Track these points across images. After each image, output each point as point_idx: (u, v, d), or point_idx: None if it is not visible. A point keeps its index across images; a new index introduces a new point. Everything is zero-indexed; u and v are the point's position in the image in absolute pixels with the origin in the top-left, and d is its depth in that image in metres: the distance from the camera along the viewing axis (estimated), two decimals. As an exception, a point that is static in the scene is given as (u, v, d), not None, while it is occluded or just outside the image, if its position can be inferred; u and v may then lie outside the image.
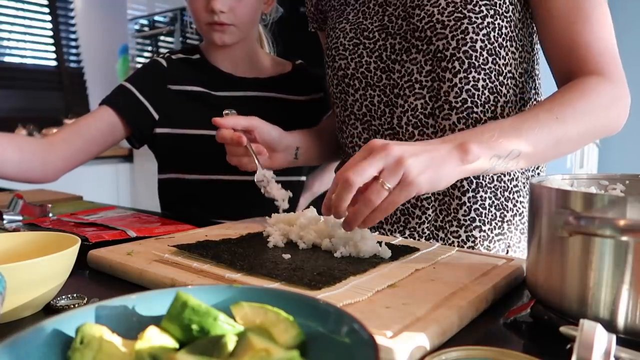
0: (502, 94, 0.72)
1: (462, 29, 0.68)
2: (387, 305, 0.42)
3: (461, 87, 0.70)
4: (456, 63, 0.69)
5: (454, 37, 0.69)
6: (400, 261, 0.56)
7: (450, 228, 0.75)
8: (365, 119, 0.79)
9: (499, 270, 0.52)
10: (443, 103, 0.71)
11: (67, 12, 3.48)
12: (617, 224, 0.35)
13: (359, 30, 0.78)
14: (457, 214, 0.74)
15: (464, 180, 0.73)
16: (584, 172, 3.28)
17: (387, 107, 0.76)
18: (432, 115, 0.72)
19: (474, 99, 0.71)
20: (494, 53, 0.70)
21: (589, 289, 0.38)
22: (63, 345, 0.29)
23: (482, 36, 0.69)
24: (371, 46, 0.76)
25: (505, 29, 0.70)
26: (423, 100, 0.73)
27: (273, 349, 0.27)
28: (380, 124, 0.77)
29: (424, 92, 0.72)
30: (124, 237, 0.71)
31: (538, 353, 0.33)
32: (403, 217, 0.77)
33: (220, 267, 0.53)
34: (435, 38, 0.70)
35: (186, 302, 0.30)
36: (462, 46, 0.69)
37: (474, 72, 0.70)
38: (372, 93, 0.77)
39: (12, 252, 0.53)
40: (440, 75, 0.71)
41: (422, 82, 0.72)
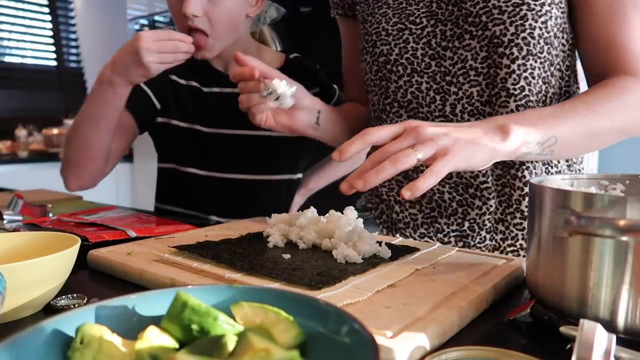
0: (552, 85, 0.72)
1: (520, 14, 0.67)
2: (387, 305, 0.42)
3: (519, 74, 0.69)
4: (514, 49, 0.68)
5: (513, 23, 0.67)
6: (400, 261, 0.56)
7: (512, 220, 0.74)
8: (412, 105, 0.77)
9: (499, 270, 0.52)
10: (500, 90, 0.70)
11: (67, 12, 3.48)
12: (617, 224, 0.35)
13: (403, 16, 0.76)
14: (520, 205, 0.73)
15: (524, 170, 0.72)
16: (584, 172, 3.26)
17: (437, 94, 0.74)
18: (489, 103, 0.71)
19: (530, 87, 0.69)
20: (549, 42, 0.69)
21: (589, 289, 0.38)
22: (63, 345, 0.29)
23: (541, 24, 0.67)
24: (418, 32, 0.74)
25: (559, 19, 0.69)
26: (479, 87, 0.71)
27: (273, 349, 0.27)
28: (430, 111, 0.75)
29: (479, 79, 0.71)
30: (124, 237, 0.71)
31: (538, 353, 0.33)
32: (461, 209, 0.76)
33: (220, 267, 0.53)
34: (492, 23, 0.68)
35: (186, 302, 0.30)
36: (521, 32, 0.67)
37: (532, 59, 0.69)
38: (419, 80, 0.75)
39: (12, 252, 0.53)
40: (497, 62, 0.69)
41: (478, 69, 0.71)
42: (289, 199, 1.08)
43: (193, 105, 1.00)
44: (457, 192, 0.76)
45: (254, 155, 1.00)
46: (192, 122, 0.99)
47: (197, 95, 1.00)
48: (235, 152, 1.00)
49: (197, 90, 1.00)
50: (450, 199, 0.76)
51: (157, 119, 1.00)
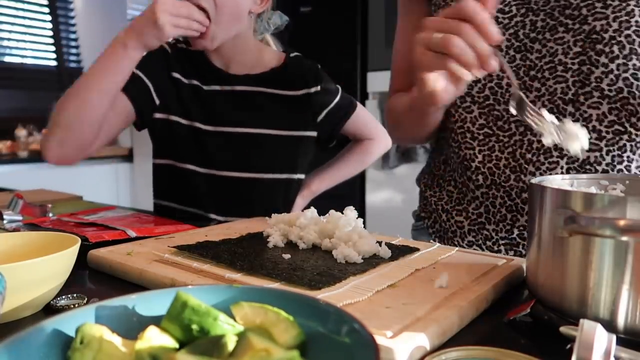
0: None
1: (627, 10, 0.62)
2: (387, 305, 0.42)
3: (618, 74, 0.64)
4: (615, 47, 0.63)
5: (617, 19, 0.62)
6: (400, 261, 0.56)
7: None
8: (487, 102, 0.72)
9: (499, 270, 0.52)
10: (593, 89, 0.65)
11: (67, 12, 3.48)
12: (617, 224, 0.35)
13: None
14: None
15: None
16: (584, 172, 3.26)
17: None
18: (573, 102, 0.66)
19: (631, 89, 0.64)
20: None
21: (589, 289, 0.38)
22: (63, 345, 0.29)
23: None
24: (505, 21, 0.69)
25: None
26: (565, 84, 0.66)
27: (273, 349, 0.27)
28: (506, 109, 0.70)
29: (567, 75, 0.66)
30: (124, 237, 0.71)
31: (538, 353, 0.33)
32: (510, 214, 0.72)
33: (220, 267, 0.53)
34: (592, 17, 0.64)
35: (186, 302, 0.30)
36: (625, 29, 0.62)
37: (635, 59, 0.63)
38: (501, 74, 0.70)
39: (12, 252, 0.53)
40: (593, 59, 0.65)
41: (567, 65, 0.66)
42: (288, 199, 1.08)
43: (193, 103, 1.00)
44: (509, 197, 0.71)
45: (252, 153, 1.00)
46: (192, 119, 0.99)
47: (197, 94, 1.00)
48: (234, 150, 1.00)
49: (198, 88, 1.00)
50: (501, 204, 0.72)
51: (156, 114, 0.99)
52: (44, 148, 0.91)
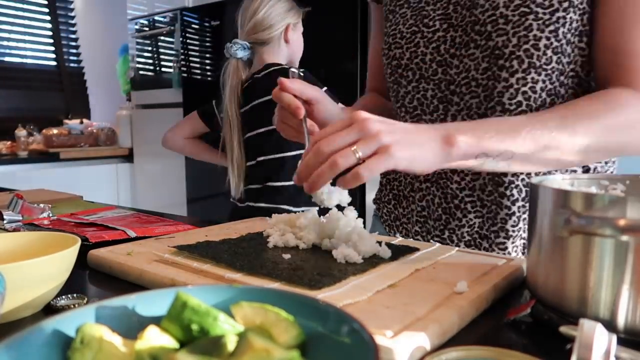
0: (560, 95, 0.67)
1: (525, 25, 0.63)
2: (387, 305, 0.42)
3: (517, 88, 0.66)
4: (514, 62, 0.65)
5: (516, 34, 0.64)
6: (400, 261, 0.56)
7: (496, 239, 0.71)
8: (416, 112, 0.75)
9: (499, 270, 0.52)
10: (495, 104, 0.67)
11: (67, 12, 3.49)
12: (617, 224, 0.35)
13: (419, 17, 0.73)
14: (505, 225, 0.70)
15: (513, 189, 0.69)
16: (584, 172, 3.26)
17: (441, 103, 0.72)
18: (485, 116, 0.68)
19: (529, 102, 0.66)
20: (560, 51, 0.65)
21: (589, 289, 0.38)
22: (63, 345, 0.29)
23: (548, 33, 0.63)
24: (429, 36, 0.71)
25: (576, 22, 0.64)
26: (478, 99, 0.68)
27: (273, 349, 0.27)
28: (432, 119, 0.73)
29: (479, 90, 0.68)
30: (124, 237, 0.71)
31: (538, 353, 0.33)
32: (445, 216, 0.74)
33: (220, 267, 0.53)
34: (495, 33, 0.65)
35: (186, 302, 0.30)
36: (524, 44, 0.64)
37: (534, 72, 0.65)
38: (426, 87, 0.73)
39: (12, 252, 0.53)
40: (496, 74, 0.66)
41: (479, 80, 0.68)
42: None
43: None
44: (445, 200, 0.74)
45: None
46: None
47: None
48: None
49: None
50: (438, 204, 0.75)
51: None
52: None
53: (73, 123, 3.34)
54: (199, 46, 2.71)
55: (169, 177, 2.90)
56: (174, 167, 2.85)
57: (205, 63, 2.71)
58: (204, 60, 2.71)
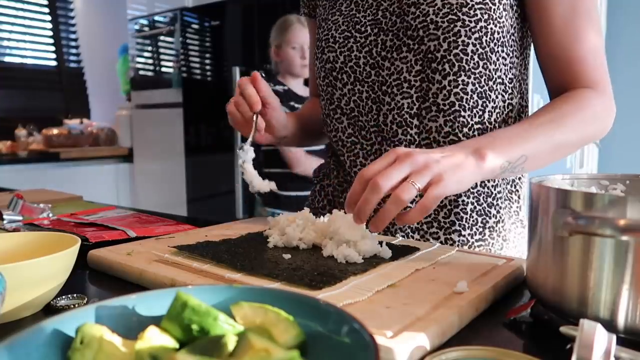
0: (491, 99, 0.72)
1: (454, 31, 0.68)
2: (387, 305, 0.42)
3: (450, 89, 0.70)
4: (446, 65, 0.69)
5: (446, 39, 0.68)
6: (400, 261, 0.56)
7: (429, 230, 0.74)
8: (353, 114, 0.78)
9: (499, 270, 0.52)
10: (431, 104, 0.71)
11: (67, 12, 3.49)
12: (618, 224, 0.35)
13: (351, 24, 0.77)
14: (438, 216, 0.74)
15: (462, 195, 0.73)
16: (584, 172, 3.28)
17: (374, 103, 0.75)
18: (418, 116, 0.72)
19: (461, 102, 0.70)
20: (485, 58, 0.70)
21: (589, 289, 0.38)
22: (63, 345, 0.29)
23: (474, 40, 0.68)
24: (362, 40, 0.76)
25: (497, 34, 0.70)
26: (410, 99, 0.72)
27: (273, 349, 0.27)
28: (367, 120, 0.77)
29: (411, 91, 0.72)
30: (124, 237, 0.71)
31: (538, 353, 0.33)
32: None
33: (220, 267, 0.53)
34: (428, 38, 0.69)
35: (186, 302, 0.30)
36: (454, 49, 0.69)
37: (464, 75, 0.70)
38: (361, 88, 0.76)
39: (12, 252, 0.53)
40: (430, 77, 0.71)
41: (411, 82, 0.72)
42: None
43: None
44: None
45: None
46: None
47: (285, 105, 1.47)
48: None
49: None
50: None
51: None
52: None
53: (73, 123, 3.34)
54: (199, 46, 2.71)
55: (169, 177, 2.90)
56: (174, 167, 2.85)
57: (205, 63, 2.71)
58: (204, 60, 2.71)
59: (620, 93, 0.91)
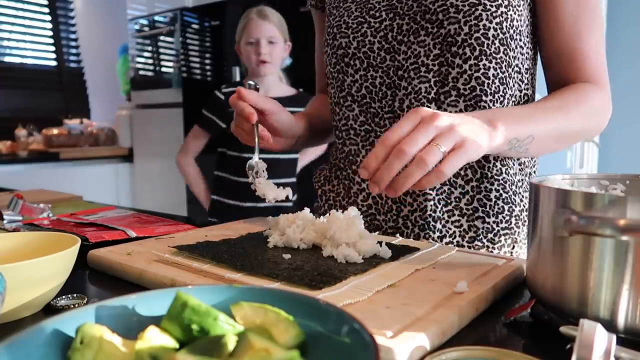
0: (510, 86, 0.72)
1: (475, 14, 0.67)
2: (387, 305, 0.42)
3: (471, 74, 0.69)
4: (467, 49, 0.69)
5: (467, 23, 0.68)
6: (400, 261, 0.56)
7: (451, 218, 0.73)
8: (365, 100, 0.77)
9: (499, 270, 0.52)
10: (450, 89, 0.71)
11: (67, 12, 3.48)
12: (618, 224, 0.35)
13: (365, 9, 0.76)
14: (459, 203, 0.73)
15: (467, 169, 0.73)
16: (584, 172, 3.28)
17: (389, 89, 0.74)
18: (436, 100, 0.71)
19: (483, 87, 0.70)
20: (505, 43, 0.70)
21: (589, 289, 0.38)
22: (63, 345, 0.29)
23: (495, 24, 0.68)
24: (376, 25, 0.75)
25: (516, 21, 0.70)
26: (428, 84, 0.71)
27: (273, 349, 0.27)
28: (381, 106, 0.76)
29: (429, 75, 0.71)
30: (124, 237, 0.71)
31: (538, 353, 0.33)
32: (395, 205, 0.76)
33: (220, 267, 0.53)
34: (447, 22, 0.69)
35: (186, 302, 0.30)
36: (475, 32, 0.68)
37: (485, 60, 0.69)
38: (374, 74, 0.75)
39: (12, 252, 0.53)
40: (450, 61, 0.70)
41: (429, 66, 0.71)
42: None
43: None
44: None
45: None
46: None
47: None
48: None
49: None
50: (386, 196, 0.76)
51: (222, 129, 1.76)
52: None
53: (73, 123, 3.34)
54: (199, 46, 2.71)
55: (169, 177, 2.90)
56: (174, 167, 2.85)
57: (205, 63, 2.71)
58: (204, 60, 2.71)
59: (620, 93, 0.91)
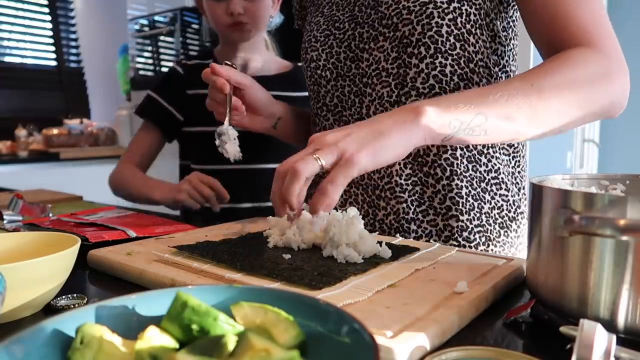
0: (474, 81, 0.71)
1: (427, 13, 0.68)
2: (387, 305, 0.42)
3: (428, 72, 0.70)
4: (422, 48, 0.69)
5: (419, 22, 0.68)
6: (400, 261, 0.56)
7: (425, 218, 0.74)
8: (337, 109, 0.79)
9: (499, 270, 0.52)
10: (410, 89, 0.71)
11: (67, 12, 3.48)
12: (618, 224, 0.35)
13: (331, 22, 0.79)
14: (433, 202, 0.73)
15: (437, 168, 0.72)
16: (584, 172, 3.28)
17: (356, 96, 0.76)
18: (397, 103, 0.72)
19: (442, 84, 0.70)
20: (462, 39, 0.69)
21: (589, 289, 0.38)
22: (63, 345, 0.29)
23: (448, 21, 0.68)
24: (341, 36, 0.77)
25: (473, 15, 0.69)
26: (389, 88, 0.72)
27: (273, 349, 0.27)
28: (351, 114, 0.77)
29: (389, 79, 0.72)
30: (124, 237, 0.71)
31: (538, 353, 0.33)
32: (371, 210, 0.76)
33: (220, 267, 0.53)
34: (402, 24, 0.70)
35: (186, 302, 0.30)
36: (428, 31, 0.68)
37: (441, 57, 0.69)
38: (343, 83, 0.77)
39: (12, 252, 0.53)
40: (406, 62, 0.71)
41: (389, 70, 0.72)
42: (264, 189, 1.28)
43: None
44: (367, 194, 0.77)
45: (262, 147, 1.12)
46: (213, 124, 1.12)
47: None
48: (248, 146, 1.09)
49: None
50: (362, 201, 0.78)
51: (184, 128, 1.20)
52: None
53: (73, 123, 3.34)
54: (199, 46, 2.71)
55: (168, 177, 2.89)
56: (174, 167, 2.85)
57: (205, 63, 2.71)
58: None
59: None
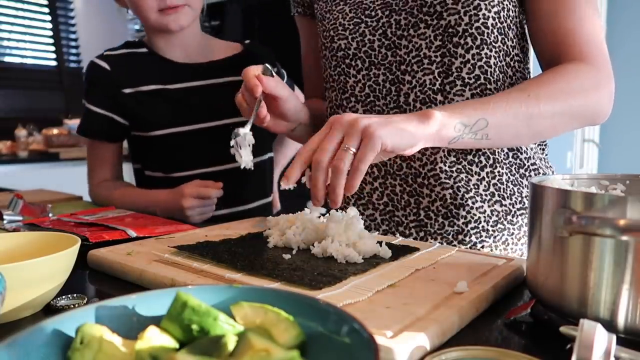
0: (509, 75, 0.73)
1: (474, 4, 0.68)
2: (387, 305, 0.42)
3: (474, 63, 0.70)
4: (469, 39, 0.69)
5: (467, 13, 0.69)
6: (401, 261, 0.56)
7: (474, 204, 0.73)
8: (369, 99, 0.77)
9: (499, 270, 0.52)
10: (455, 79, 0.71)
11: (67, 12, 3.48)
12: (618, 224, 0.35)
13: (359, 10, 0.77)
14: (478, 189, 0.74)
15: (481, 156, 0.73)
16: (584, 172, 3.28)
17: (392, 85, 0.75)
18: (441, 91, 0.72)
19: (487, 75, 0.71)
20: (504, 33, 0.71)
21: (589, 289, 0.38)
22: (63, 345, 0.29)
23: (494, 14, 0.69)
24: (374, 24, 0.75)
25: (511, 11, 0.71)
26: (432, 75, 0.72)
27: (273, 349, 0.27)
28: (385, 103, 0.76)
29: (432, 67, 0.72)
30: (124, 237, 0.71)
31: (538, 353, 0.33)
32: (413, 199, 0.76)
33: (220, 267, 0.53)
34: (446, 13, 0.69)
35: (186, 302, 0.30)
36: (475, 22, 0.69)
37: (486, 49, 0.70)
38: (377, 72, 0.76)
39: (12, 252, 0.53)
40: (452, 51, 0.70)
41: (432, 58, 0.72)
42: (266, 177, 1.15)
43: (161, 108, 1.00)
44: (406, 184, 0.76)
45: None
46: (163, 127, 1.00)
47: (163, 97, 1.00)
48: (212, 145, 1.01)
49: (162, 91, 1.00)
50: (402, 191, 0.77)
51: (133, 132, 1.04)
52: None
53: (73, 123, 3.33)
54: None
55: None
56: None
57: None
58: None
59: (620, 93, 0.90)
